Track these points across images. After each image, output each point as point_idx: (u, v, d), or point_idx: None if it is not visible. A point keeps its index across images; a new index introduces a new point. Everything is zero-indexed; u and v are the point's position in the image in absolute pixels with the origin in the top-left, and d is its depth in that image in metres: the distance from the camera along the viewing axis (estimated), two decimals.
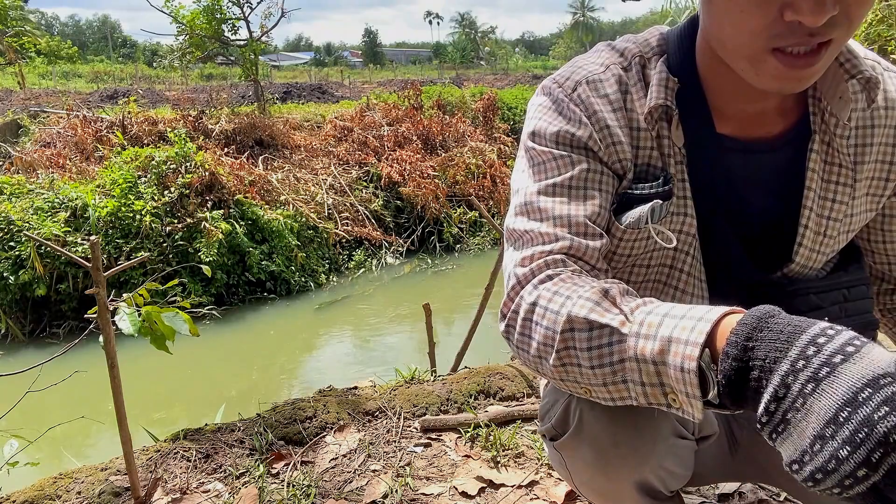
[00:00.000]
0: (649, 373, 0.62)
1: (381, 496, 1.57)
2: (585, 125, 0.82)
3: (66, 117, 10.44)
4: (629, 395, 0.66)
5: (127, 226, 6.92)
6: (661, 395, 0.63)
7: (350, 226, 8.90)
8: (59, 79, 25.52)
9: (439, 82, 20.43)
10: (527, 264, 0.78)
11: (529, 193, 0.83)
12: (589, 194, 0.82)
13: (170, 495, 1.59)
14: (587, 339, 0.67)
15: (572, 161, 0.82)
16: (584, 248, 0.79)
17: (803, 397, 0.49)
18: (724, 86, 0.82)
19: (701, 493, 1.51)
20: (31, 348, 6.33)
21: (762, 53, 0.68)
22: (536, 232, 0.80)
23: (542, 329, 0.71)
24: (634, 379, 0.64)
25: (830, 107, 0.81)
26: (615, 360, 0.65)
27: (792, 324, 0.53)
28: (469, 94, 14.35)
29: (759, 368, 0.53)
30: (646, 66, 0.85)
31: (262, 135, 10.05)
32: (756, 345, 0.53)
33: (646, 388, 0.63)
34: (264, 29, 12.45)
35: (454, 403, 2.02)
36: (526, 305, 0.74)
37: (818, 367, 0.49)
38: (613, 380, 0.66)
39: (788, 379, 0.50)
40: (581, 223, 0.80)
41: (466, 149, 10.69)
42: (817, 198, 0.84)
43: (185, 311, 1.44)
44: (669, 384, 0.61)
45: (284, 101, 15.32)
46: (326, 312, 7.28)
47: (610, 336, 0.65)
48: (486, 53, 54.18)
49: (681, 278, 0.88)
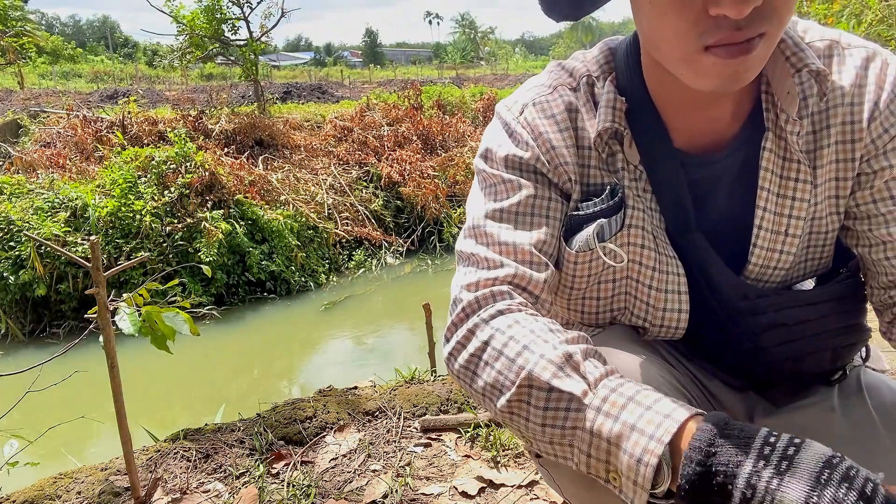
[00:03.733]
0: (599, 448, 0.63)
1: (381, 496, 1.57)
2: (532, 147, 0.82)
3: (66, 117, 10.45)
4: (571, 458, 0.66)
5: (127, 226, 6.92)
6: (603, 470, 0.64)
7: (350, 226, 8.90)
8: (59, 79, 25.53)
9: (439, 82, 20.42)
10: (472, 290, 0.78)
11: (478, 216, 0.83)
12: (535, 221, 0.82)
13: (170, 495, 1.59)
14: (544, 400, 0.67)
15: (520, 185, 0.82)
16: (528, 277, 0.79)
17: (770, 493, 0.53)
18: (671, 96, 0.81)
19: None
20: (31, 348, 6.33)
21: (695, 53, 0.67)
22: (482, 256, 0.80)
23: (494, 372, 0.71)
24: (582, 448, 0.65)
25: (780, 102, 0.79)
26: (567, 426, 0.65)
27: (745, 429, 0.58)
28: (469, 94, 14.35)
29: (722, 474, 0.55)
30: (594, 86, 0.85)
31: (262, 135, 10.06)
32: (718, 450, 0.57)
33: (590, 460, 0.64)
34: (264, 29, 12.45)
35: (454, 403, 2.02)
36: (476, 342, 0.74)
37: (777, 462, 0.54)
38: (561, 441, 0.66)
39: (753, 479, 0.54)
40: (526, 251, 0.80)
41: (466, 149, 10.68)
42: (773, 196, 0.82)
43: (185, 311, 1.44)
44: (616, 465, 0.62)
45: (284, 101, 15.31)
46: (326, 312, 7.28)
47: (569, 402, 0.65)
48: (486, 53, 54.15)
49: (650, 294, 0.87)
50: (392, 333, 6.71)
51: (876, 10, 5.11)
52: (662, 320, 0.88)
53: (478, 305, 0.77)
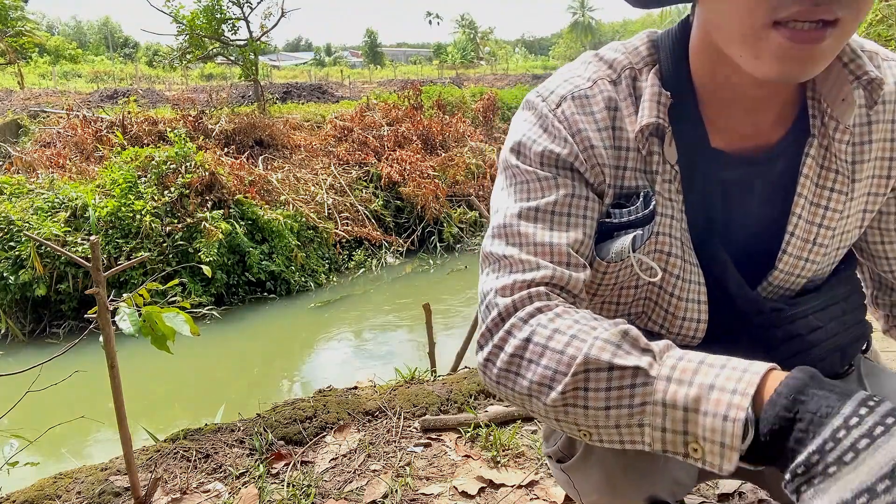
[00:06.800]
0: (675, 419, 0.60)
1: (381, 496, 1.57)
2: (570, 144, 0.78)
3: (66, 117, 10.45)
4: (642, 439, 0.63)
5: (127, 226, 6.92)
6: (681, 444, 0.61)
7: (350, 226, 8.90)
8: (59, 79, 25.52)
9: (439, 82, 20.42)
10: (508, 294, 0.74)
11: (509, 215, 0.79)
12: (572, 221, 0.78)
13: (170, 495, 1.59)
14: (606, 380, 0.64)
15: (556, 184, 0.78)
16: (566, 278, 0.75)
17: (855, 451, 0.49)
18: (719, 92, 0.78)
19: (701, 493, 1.51)
20: (31, 348, 6.33)
21: (762, 29, 0.62)
22: (516, 259, 0.76)
23: (540, 368, 0.68)
24: (654, 424, 0.62)
25: (831, 109, 0.76)
26: (636, 403, 0.62)
27: (840, 386, 0.54)
28: (469, 94, 14.37)
29: (808, 420, 0.52)
30: (636, 79, 0.81)
31: (262, 135, 10.06)
32: (807, 399, 0.53)
33: (665, 435, 0.61)
34: (264, 29, 12.46)
35: (454, 403, 2.02)
36: (516, 342, 0.70)
37: (872, 425, 0.50)
38: (629, 422, 0.63)
39: (840, 433, 0.50)
40: (564, 252, 0.76)
41: (466, 149, 10.69)
42: (808, 204, 0.81)
43: (185, 311, 1.44)
44: (695, 433, 0.59)
45: (284, 101, 15.31)
46: (326, 312, 7.28)
47: (633, 378, 0.63)
48: (486, 53, 54.18)
49: (670, 301, 0.85)
50: (392, 333, 6.71)
51: (876, 9, 5.11)
52: (680, 328, 0.86)
53: (514, 308, 0.73)
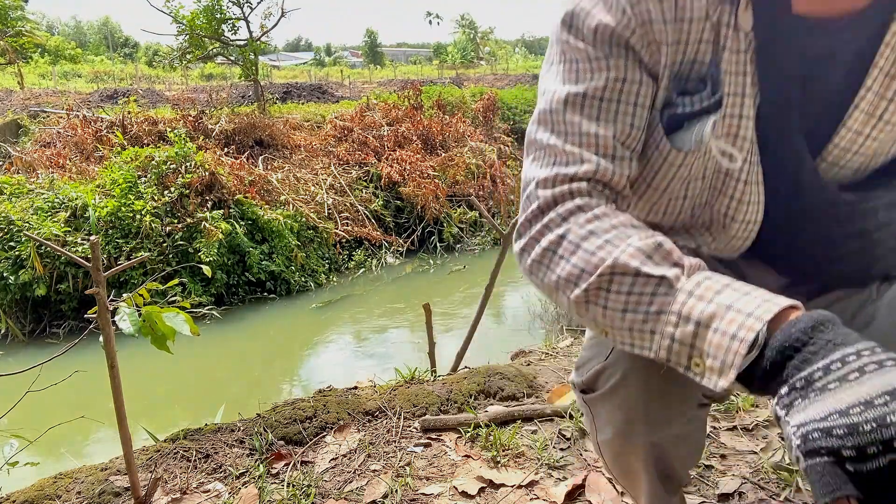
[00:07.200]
0: (686, 332, 0.60)
1: (381, 496, 1.57)
2: (628, 17, 0.71)
3: (66, 117, 10.45)
4: (650, 346, 0.64)
5: (127, 226, 6.92)
6: (685, 356, 0.61)
7: (350, 226, 8.90)
8: (59, 79, 25.53)
9: (439, 82, 20.42)
10: (549, 187, 0.72)
11: (556, 100, 0.74)
12: (621, 110, 0.73)
13: (170, 495, 1.59)
14: (629, 285, 0.64)
15: (607, 65, 0.72)
16: (610, 173, 0.72)
17: (861, 373, 0.50)
18: None
19: (701, 494, 1.51)
20: (31, 348, 6.33)
21: None
22: (560, 149, 0.73)
23: (569, 266, 0.69)
24: (665, 332, 0.62)
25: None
26: (652, 311, 0.63)
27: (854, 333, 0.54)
28: (469, 94, 14.36)
29: (820, 346, 0.53)
30: None
31: (262, 135, 10.06)
32: (826, 330, 0.54)
33: (672, 345, 0.62)
34: (264, 29, 12.46)
35: (454, 403, 2.02)
36: (551, 236, 0.70)
37: (886, 358, 0.50)
38: (641, 328, 0.64)
39: (850, 358, 0.51)
40: (610, 144, 0.72)
41: (466, 149, 10.69)
42: (883, 77, 0.73)
43: (185, 311, 1.44)
44: (701, 348, 0.59)
45: (284, 101, 15.32)
46: (326, 312, 7.28)
47: (656, 286, 0.63)
48: (486, 53, 54.18)
49: (737, 187, 0.79)
50: (392, 333, 6.71)
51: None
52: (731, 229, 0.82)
53: (554, 203, 0.71)
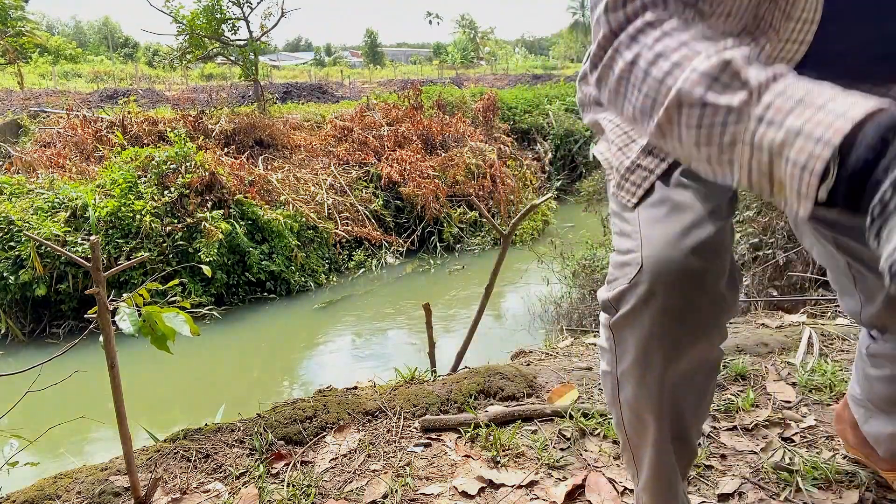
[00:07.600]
0: (761, 161, 0.57)
1: (381, 496, 1.57)
2: None
3: (66, 117, 10.46)
4: (731, 174, 0.61)
5: (127, 226, 6.92)
6: (767, 184, 0.58)
7: (350, 226, 8.91)
8: (59, 79, 25.53)
9: (439, 82, 20.43)
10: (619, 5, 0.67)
11: None
12: None
13: (170, 495, 1.59)
14: (697, 118, 0.60)
15: None
16: None
17: None
18: None
19: (701, 494, 1.51)
20: (31, 348, 6.34)
21: None
22: None
23: (641, 96, 0.65)
24: (743, 164, 0.59)
25: None
26: (725, 142, 0.59)
27: None
28: (469, 94, 14.36)
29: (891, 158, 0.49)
30: None
31: (262, 135, 10.06)
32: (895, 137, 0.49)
33: (752, 174, 0.58)
34: (264, 29, 12.47)
35: (454, 403, 2.02)
36: (623, 63, 0.66)
37: None
38: (719, 159, 0.61)
39: None
40: None
41: (466, 149, 10.69)
42: None
43: (185, 311, 1.44)
44: (779, 177, 0.56)
45: (284, 101, 15.33)
46: (326, 312, 7.28)
47: (726, 116, 0.58)
48: (486, 53, 54.18)
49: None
50: (392, 333, 6.71)
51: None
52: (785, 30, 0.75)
53: (626, 21, 0.67)
